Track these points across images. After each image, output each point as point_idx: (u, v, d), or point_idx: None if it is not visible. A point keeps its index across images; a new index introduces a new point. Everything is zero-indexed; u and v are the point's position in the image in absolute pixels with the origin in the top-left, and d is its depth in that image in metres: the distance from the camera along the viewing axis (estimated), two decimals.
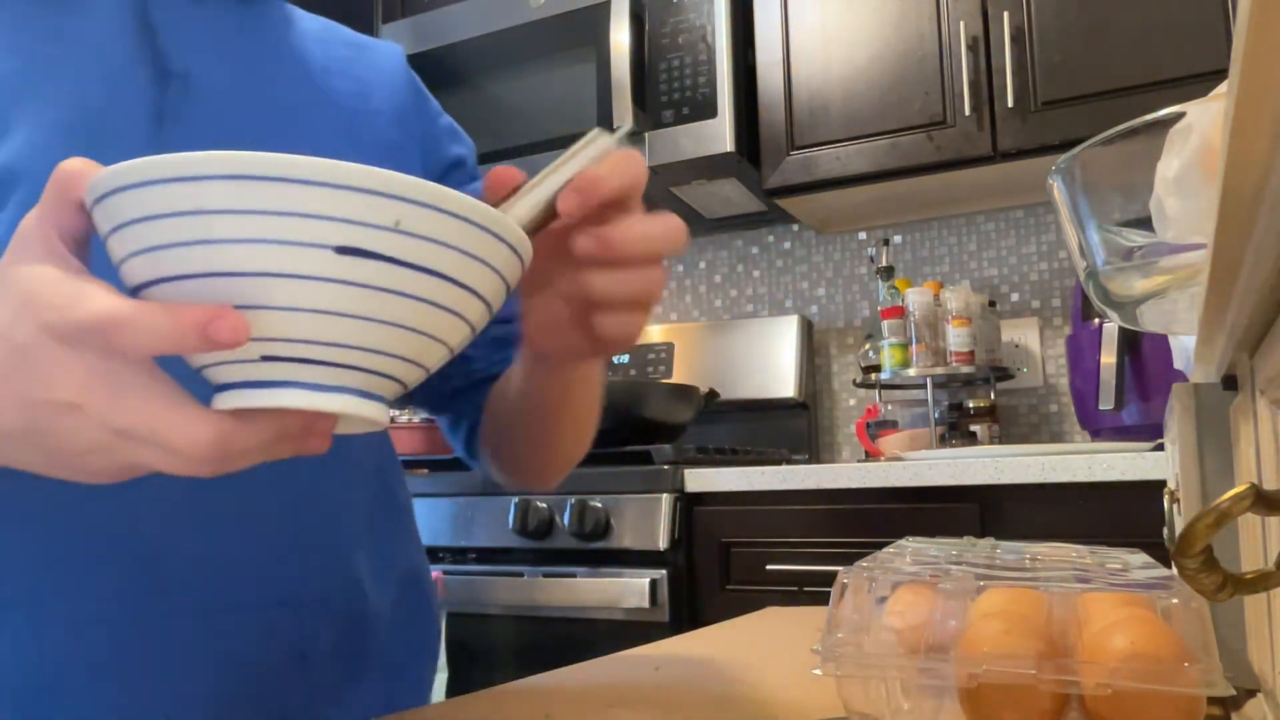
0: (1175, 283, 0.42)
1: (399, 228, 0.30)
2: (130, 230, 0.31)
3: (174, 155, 0.30)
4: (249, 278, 0.30)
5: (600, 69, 1.94)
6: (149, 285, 0.32)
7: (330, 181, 0.29)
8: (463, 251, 0.32)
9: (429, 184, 0.31)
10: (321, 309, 0.31)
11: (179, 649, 0.53)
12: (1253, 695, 0.40)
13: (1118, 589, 0.37)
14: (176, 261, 0.31)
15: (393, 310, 0.32)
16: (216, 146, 0.51)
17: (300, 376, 0.32)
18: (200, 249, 0.30)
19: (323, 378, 0.32)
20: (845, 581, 0.41)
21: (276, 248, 0.30)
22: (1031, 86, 1.69)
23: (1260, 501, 0.24)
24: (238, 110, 0.59)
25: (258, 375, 0.32)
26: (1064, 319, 2.00)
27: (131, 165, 0.30)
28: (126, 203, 0.31)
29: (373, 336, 0.32)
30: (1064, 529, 1.36)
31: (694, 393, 1.90)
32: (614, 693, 0.55)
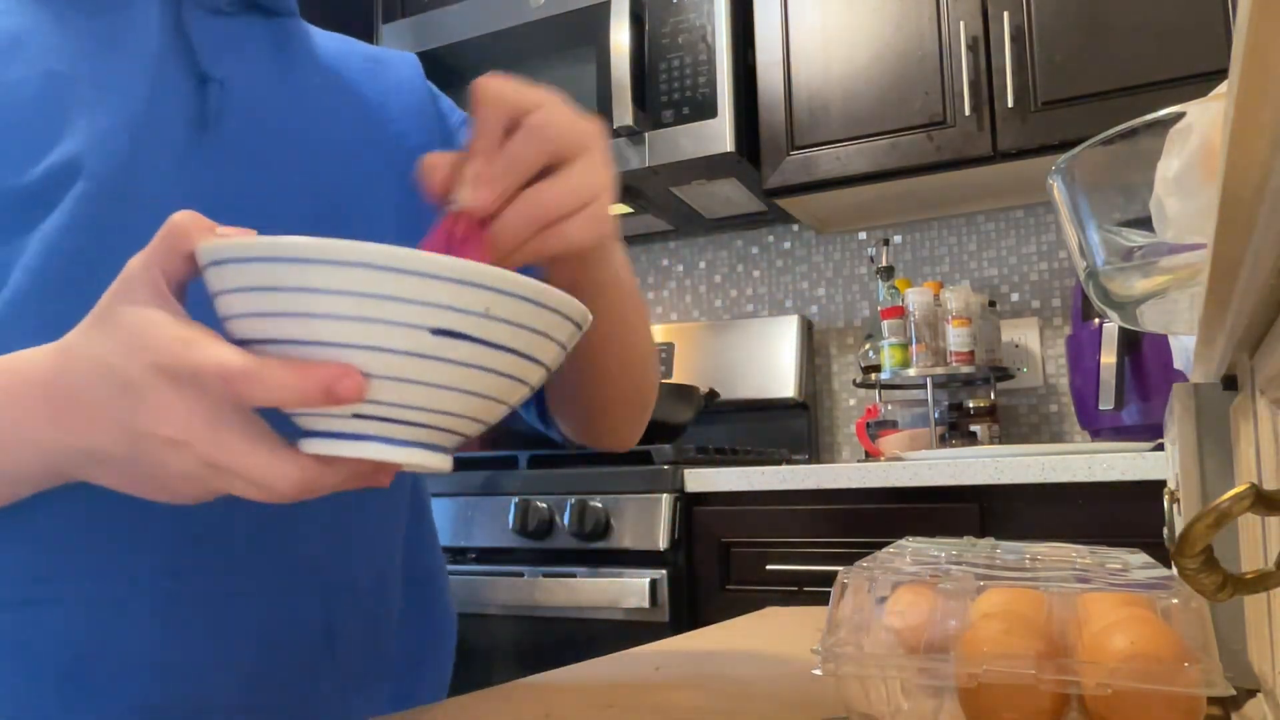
0: (1175, 283, 0.42)
1: (488, 314, 0.35)
2: (246, 295, 0.35)
3: (298, 240, 0.34)
4: (352, 349, 0.34)
5: (600, 69, 1.94)
6: (260, 342, 0.36)
7: (432, 272, 0.34)
8: (535, 330, 0.37)
9: (513, 275, 0.35)
10: (410, 379, 0.35)
11: (214, 630, 0.54)
12: (1253, 695, 0.40)
13: (1118, 589, 0.37)
14: (287, 328, 0.35)
15: (470, 381, 0.36)
16: (255, 150, 0.53)
17: (382, 432, 0.36)
18: (311, 321, 0.34)
19: (400, 434, 0.36)
20: (845, 581, 0.41)
21: (381, 326, 0.34)
22: (1031, 86, 1.69)
23: (1260, 501, 0.24)
24: (272, 115, 0.61)
25: (344, 428, 0.36)
26: (1064, 319, 2.00)
27: (255, 243, 0.35)
28: (247, 272, 0.35)
29: (450, 402, 0.36)
30: (1064, 529, 1.36)
31: (694, 393, 1.90)
32: (614, 693, 0.55)
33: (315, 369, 0.34)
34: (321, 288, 0.34)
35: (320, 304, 0.34)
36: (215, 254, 0.36)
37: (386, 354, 0.34)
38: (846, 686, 0.39)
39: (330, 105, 0.66)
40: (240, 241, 0.35)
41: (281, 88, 0.63)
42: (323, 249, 0.33)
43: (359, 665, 0.62)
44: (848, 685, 0.39)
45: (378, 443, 0.36)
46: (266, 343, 0.36)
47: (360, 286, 0.33)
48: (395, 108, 0.70)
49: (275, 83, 0.62)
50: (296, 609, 0.58)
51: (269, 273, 0.34)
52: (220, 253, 0.36)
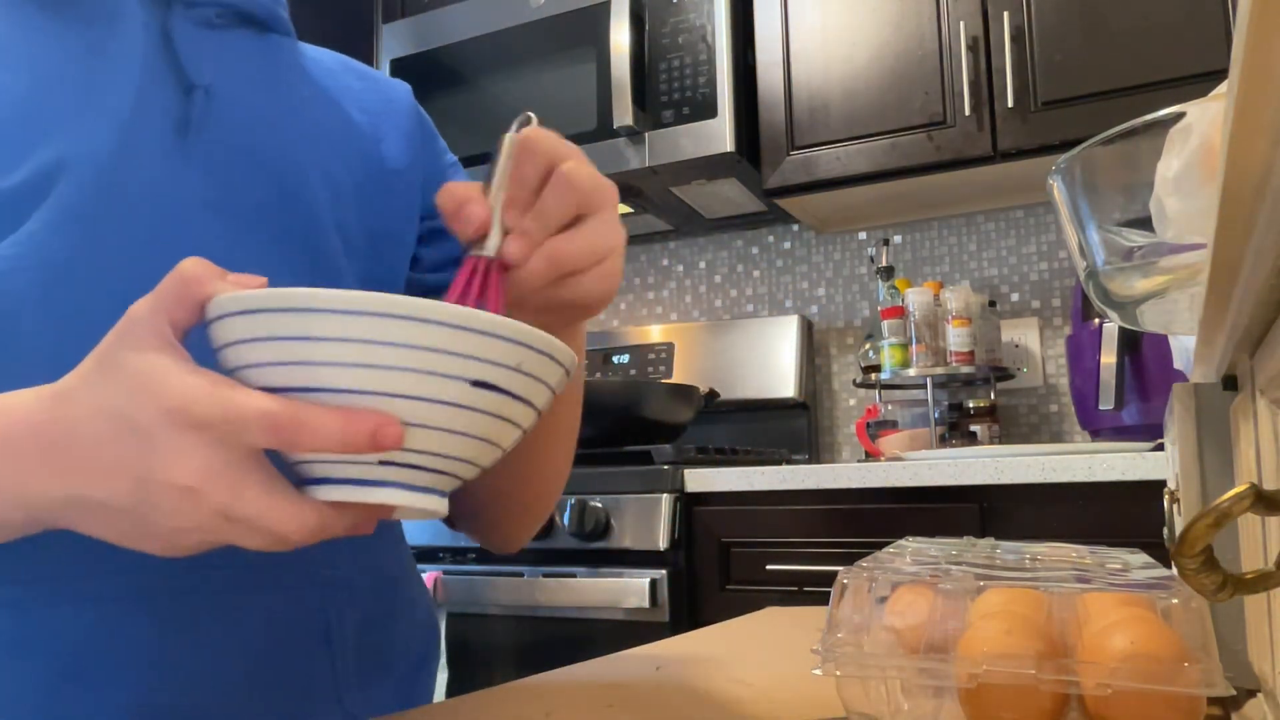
0: (1175, 283, 0.42)
1: (519, 368, 0.37)
2: (277, 344, 0.35)
3: (343, 293, 0.34)
4: (392, 398, 0.35)
5: (600, 69, 1.94)
6: (288, 390, 0.36)
7: (479, 328, 0.35)
8: (545, 383, 0.39)
9: (541, 333, 0.37)
10: (443, 427, 0.36)
11: (214, 630, 0.54)
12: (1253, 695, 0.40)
13: (1118, 589, 0.37)
14: (324, 376, 0.35)
15: (490, 430, 0.38)
16: (239, 156, 0.54)
17: (402, 479, 0.37)
18: (352, 370, 0.35)
19: (418, 480, 0.37)
20: (845, 581, 0.41)
21: (425, 378, 0.35)
22: (1031, 86, 1.69)
23: (1260, 501, 0.24)
24: (258, 123, 0.61)
25: (366, 475, 0.37)
26: (1064, 319, 2.00)
27: (295, 294, 0.35)
28: (281, 322, 0.35)
29: (468, 449, 0.38)
30: (1064, 529, 1.36)
31: (694, 393, 1.90)
32: (614, 693, 0.55)
33: (361, 416, 0.35)
34: (368, 339, 0.34)
35: (365, 354, 0.35)
36: (245, 303, 0.36)
37: (426, 404, 0.35)
38: (846, 686, 0.39)
39: (315, 118, 0.66)
40: (278, 292, 0.35)
41: (267, 98, 0.63)
42: (373, 302, 0.34)
43: (356, 664, 0.62)
44: (847, 685, 0.39)
45: (397, 489, 0.37)
46: (295, 390, 0.36)
47: (408, 339, 0.34)
48: (384, 129, 0.71)
49: (260, 93, 0.63)
50: (295, 608, 0.58)
51: (306, 323, 0.35)
52: (252, 302, 0.35)
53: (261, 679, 0.56)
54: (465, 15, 2.10)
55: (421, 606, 0.71)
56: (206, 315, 0.37)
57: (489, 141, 1.52)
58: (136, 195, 0.54)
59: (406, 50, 2.16)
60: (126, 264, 0.53)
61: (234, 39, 0.63)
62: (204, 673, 0.54)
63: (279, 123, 0.63)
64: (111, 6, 0.58)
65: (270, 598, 0.57)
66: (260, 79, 0.64)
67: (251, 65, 0.63)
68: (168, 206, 0.56)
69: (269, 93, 0.64)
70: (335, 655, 0.60)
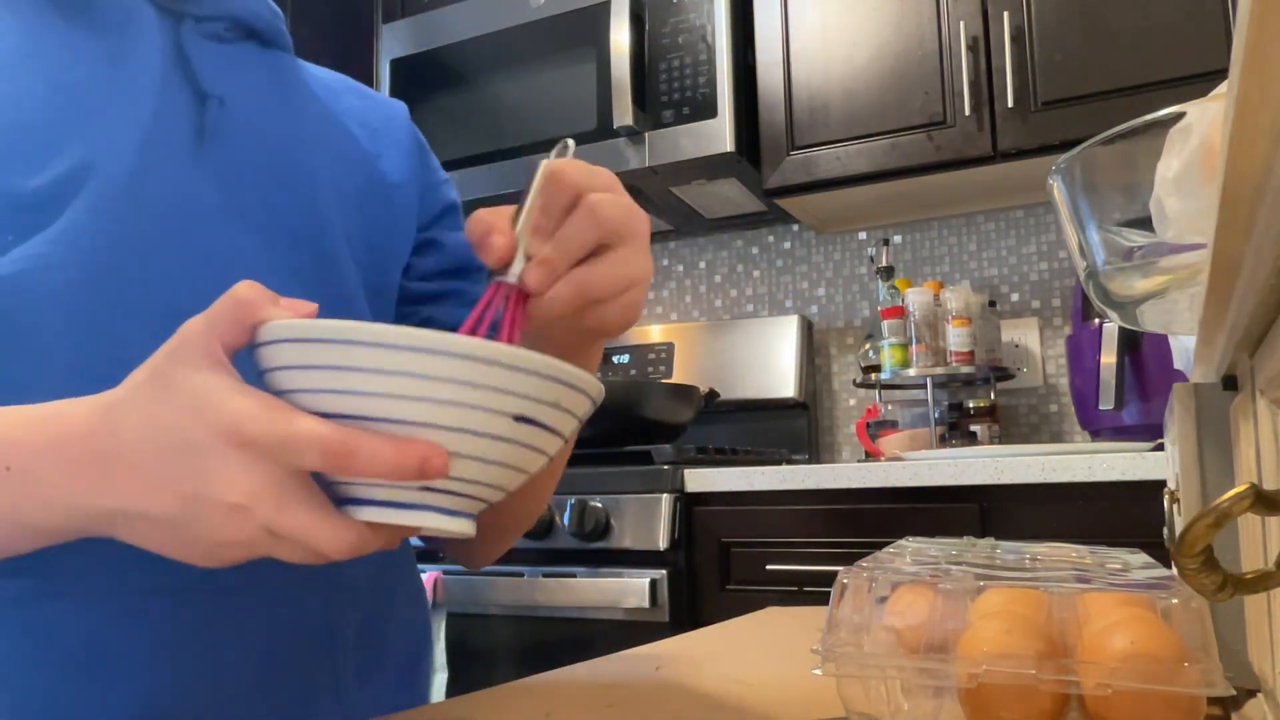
0: (1175, 283, 0.42)
1: (558, 405, 0.39)
2: (330, 373, 0.37)
3: (399, 330, 0.36)
4: (439, 430, 0.37)
5: (600, 69, 1.94)
6: (339, 417, 0.37)
7: (525, 367, 0.37)
8: (576, 416, 0.41)
9: (577, 370, 0.39)
10: (483, 458, 0.38)
11: (224, 628, 0.55)
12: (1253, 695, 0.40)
13: (1118, 589, 0.37)
14: (375, 406, 0.37)
15: (524, 460, 0.40)
16: (253, 165, 0.57)
17: (439, 503, 0.39)
18: (403, 402, 0.36)
19: (453, 504, 0.39)
20: (845, 581, 0.41)
21: (472, 411, 0.37)
22: (1031, 86, 1.69)
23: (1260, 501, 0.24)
24: (270, 133, 0.63)
25: (403, 499, 0.38)
26: (1064, 319, 2.00)
27: (356, 327, 0.36)
28: (337, 352, 0.37)
29: (503, 478, 0.40)
30: (1064, 529, 1.36)
31: (694, 393, 1.90)
32: (614, 693, 0.55)
33: (411, 445, 0.36)
34: (419, 373, 0.36)
35: (415, 388, 0.36)
36: (300, 332, 0.37)
37: (469, 436, 0.37)
38: (846, 686, 0.39)
39: (321, 132, 0.68)
40: (335, 325, 0.36)
41: (276, 110, 0.65)
42: (426, 339, 0.36)
43: (356, 662, 0.63)
44: (847, 685, 0.39)
45: (432, 512, 0.39)
46: (344, 417, 0.37)
47: (457, 375, 0.36)
48: (383, 145, 0.73)
49: (269, 105, 0.64)
50: (300, 607, 0.59)
51: (364, 355, 0.36)
52: (308, 332, 0.37)
53: (266, 677, 0.57)
54: (465, 15, 2.10)
55: (419, 605, 0.72)
56: (258, 338, 0.38)
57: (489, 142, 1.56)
58: (159, 200, 0.55)
59: (406, 50, 2.16)
60: (150, 267, 0.54)
61: (241, 53, 0.65)
62: (211, 671, 0.54)
63: (289, 135, 0.65)
64: (127, 18, 0.59)
65: (277, 596, 0.57)
66: (268, 91, 0.65)
67: (259, 78, 0.65)
68: (189, 212, 0.57)
69: (277, 105, 0.65)
70: (337, 654, 0.61)
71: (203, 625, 0.54)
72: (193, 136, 0.59)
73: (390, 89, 2.17)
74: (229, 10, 0.64)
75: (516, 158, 2.01)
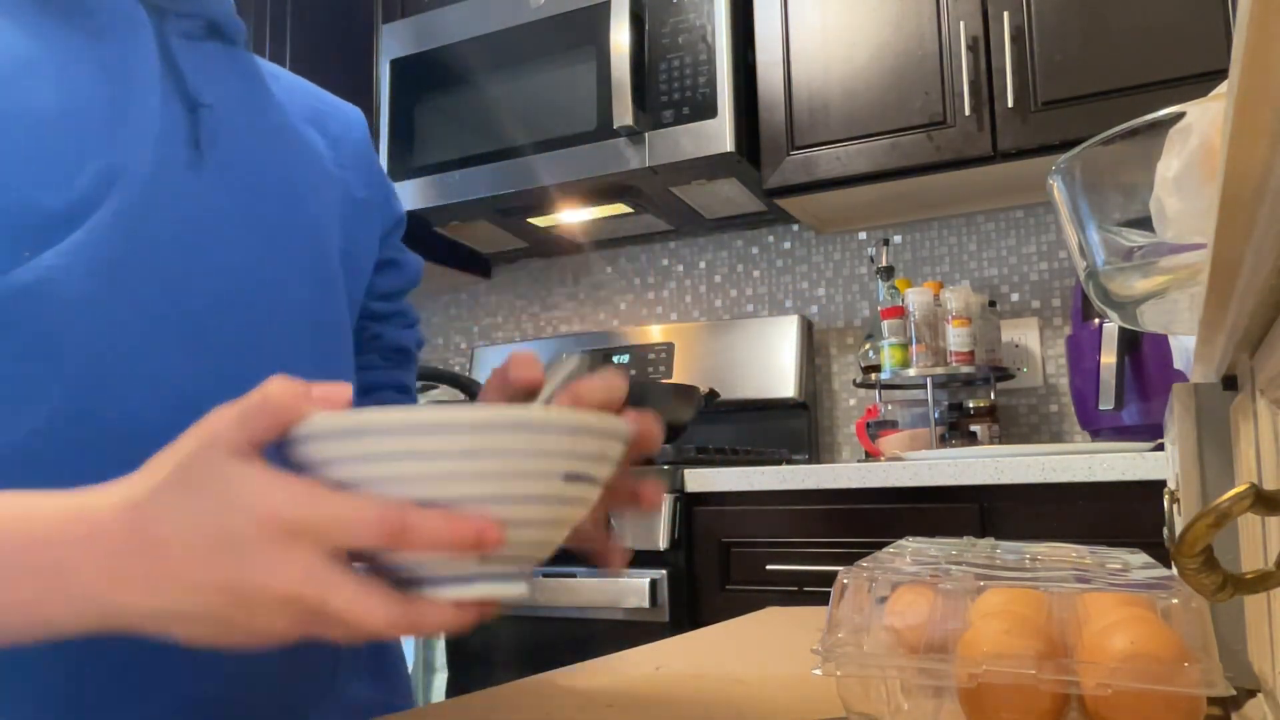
0: (1175, 283, 0.42)
1: (604, 456, 0.40)
2: (377, 463, 0.37)
3: (442, 411, 0.36)
4: (490, 503, 0.37)
5: (600, 69, 1.94)
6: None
7: (575, 426, 0.38)
8: (612, 461, 0.41)
9: (613, 417, 0.40)
10: (535, 520, 0.38)
11: None
12: (1253, 695, 0.40)
13: (1118, 589, 0.37)
14: (425, 489, 0.37)
15: (573, 514, 0.40)
16: (247, 174, 0.59)
17: (495, 570, 0.39)
18: (454, 482, 0.37)
19: (508, 570, 0.39)
20: (845, 581, 0.41)
21: (521, 479, 0.37)
22: (1031, 86, 1.69)
23: (1260, 501, 0.24)
24: (255, 143, 0.64)
25: (460, 572, 0.38)
26: (1064, 319, 2.00)
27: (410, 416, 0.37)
28: (385, 442, 0.37)
29: (553, 535, 0.40)
30: (1064, 529, 1.36)
31: (694, 393, 1.90)
32: (614, 693, 0.55)
33: (466, 521, 0.36)
34: (475, 449, 0.36)
35: (465, 466, 0.36)
36: (344, 428, 0.37)
37: (522, 503, 0.38)
38: (846, 686, 0.39)
39: (289, 140, 0.68)
40: (387, 417, 0.36)
41: (255, 117, 0.65)
42: (470, 418, 0.36)
43: (353, 659, 0.64)
44: (847, 685, 0.39)
45: (491, 582, 0.39)
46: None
47: (506, 446, 0.37)
48: (346, 157, 0.73)
49: (249, 112, 0.65)
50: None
51: (419, 443, 0.36)
52: (352, 427, 0.37)
53: (277, 674, 0.58)
54: (465, 15, 2.10)
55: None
56: (298, 434, 0.38)
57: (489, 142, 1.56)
58: (169, 209, 0.56)
59: (406, 50, 2.16)
60: (165, 275, 0.55)
61: (214, 53, 0.64)
62: (239, 672, 0.55)
63: (272, 142, 0.65)
64: (124, 20, 0.59)
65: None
66: (245, 97, 0.65)
67: (233, 82, 0.65)
68: (198, 220, 0.57)
69: (255, 112, 0.65)
70: (340, 650, 0.62)
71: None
72: (190, 145, 0.59)
73: (390, 89, 2.17)
74: (204, 10, 0.63)
75: (516, 158, 2.01)
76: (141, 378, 0.51)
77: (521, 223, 2.20)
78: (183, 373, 0.54)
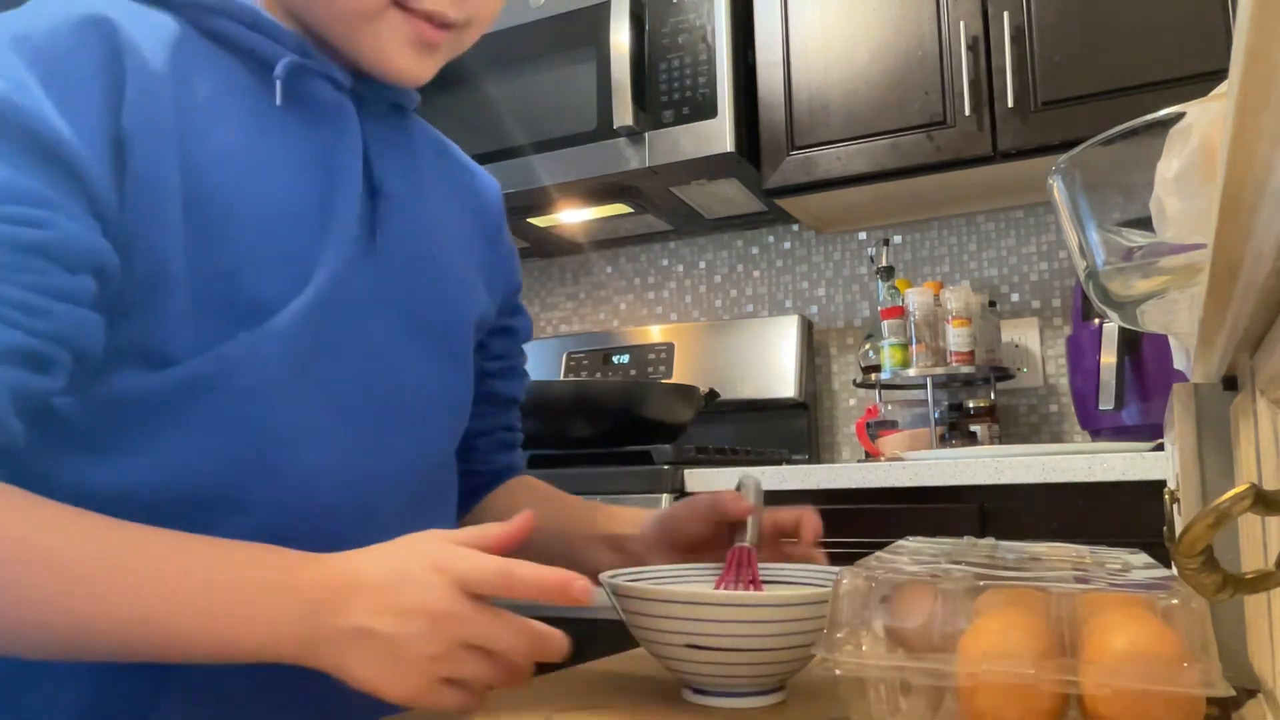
0: (1175, 283, 0.42)
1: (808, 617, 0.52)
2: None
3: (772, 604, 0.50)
4: (766, 652, 0.51)
5: (600, 69, 1.94)
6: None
7: (800, 602, 0.50)
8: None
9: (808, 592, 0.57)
10: (782, 659, 0.51)
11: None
12: (1253, 695, 0.40)
13: (1118, 589, 0.37)
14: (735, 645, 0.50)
15: (806, 652, 0.52)
16: (409, 259, 0.68)
17: (756, 687, 0.53)
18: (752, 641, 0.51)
19: (766, 686, 0.53)
20: (845, 581, 0.41)
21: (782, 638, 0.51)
22: (1031, 86, 1.69)
23: (1260, 501, 0.24)
24: (420, 227, 0.69)
25: (723, 688, 0.53)
26: (1064, 319, 2.00)
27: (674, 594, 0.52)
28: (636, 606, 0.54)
29: (795, 663, 0.54)
30: (1064, 529, 1.36)
31: (694, 393, 1.90)
32: (614, 693, 0.55)
33: (554, 573, 0.50)
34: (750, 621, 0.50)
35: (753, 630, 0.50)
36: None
37: (779, 651, 0.51)
38: (846, 686, 0.39)
39: (450, 217, 0.74)
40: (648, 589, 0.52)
41: (422, 197, 0.71)
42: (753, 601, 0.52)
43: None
44: (848, 685, 0.39)
45: (757, 696, 0.52)
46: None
47: (769, 617, 0.50)
48: (486, 222, 0.80)
49: (417, 191, 0.71)
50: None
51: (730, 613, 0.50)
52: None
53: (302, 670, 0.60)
54: None
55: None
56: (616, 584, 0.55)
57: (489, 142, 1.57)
58: (347, 294, 0.62)
59: None
60: (337, 353, 0.62)
61: (393, 131, 0.70)
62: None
63: (432, 224, 0.71)
64: (334, 109, 0.64)
65: None
66: (416, 177, 0.71)
67: (407, 160, 0.71)
68: (364, 304, 0.64)
69: (419, 196, 0.71)
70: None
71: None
72: (367, 231, 0.65)
73: None
74: (394, 94, 0.69)
75: (516, 157, 2.00)
76: (313, 439, 0.60)
77: (521, 222, 2.20)
78: (342, 435, 0.62)
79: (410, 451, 0.67)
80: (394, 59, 0.63)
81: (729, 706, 0.51)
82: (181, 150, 0.55)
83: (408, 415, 0.66)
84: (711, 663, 0.50)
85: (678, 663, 0.51)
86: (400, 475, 0.66)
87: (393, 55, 0.63)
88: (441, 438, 0.72)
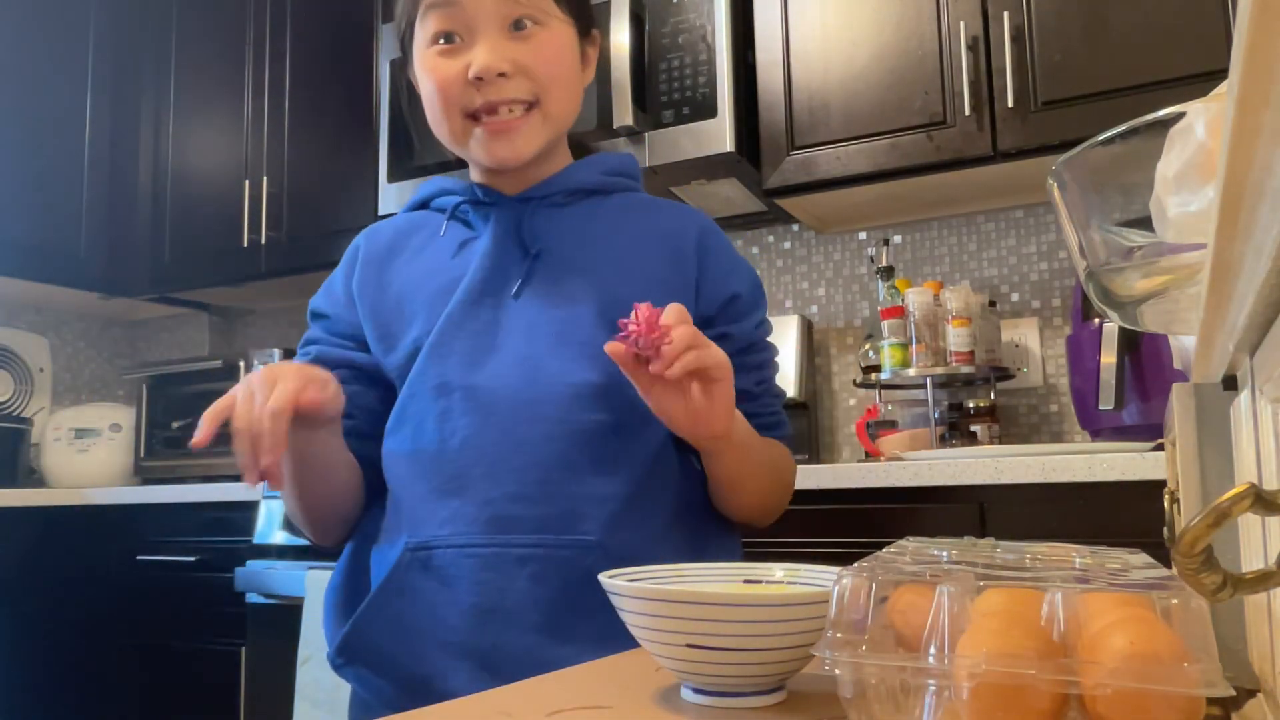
0: (1175, 283, 0.42)
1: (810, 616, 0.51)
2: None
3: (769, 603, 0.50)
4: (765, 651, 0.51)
5: (600, 69, 1.94)
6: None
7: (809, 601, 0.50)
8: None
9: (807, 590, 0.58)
10: (784, 659, 0.51)
11: (516, 573, 0.81)
12: (1253, 695, 0.40)
13: (1118, 589, 0.37)
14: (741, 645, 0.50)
15: (806, 653, 0.52)
16: (557, 299, 0.87)
17: (758, 688, 0.53)
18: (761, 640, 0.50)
19: (767, 685, 0.53)
20: (845, 581, 0.41)
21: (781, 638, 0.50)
22: (1031, 86, 1.69)
23: (1260, 501, 0.24)
24: (570, 276, 0.87)
25: (723, 689, 0.53)
26: (1064, 319, 2.00)
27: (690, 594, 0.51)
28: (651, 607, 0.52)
29: (794, 663, 0.53)
30: (1064, 529, 1.36)
31: None
32: (614, 693, 0.55)
33: (258, 449, 0.72)
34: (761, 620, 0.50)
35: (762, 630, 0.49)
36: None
37: (780, 650, 0.50)
38: (846, 686, 0.39)
39: (622, 255, 0.89)
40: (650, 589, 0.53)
41: (579, 256, 0.88)
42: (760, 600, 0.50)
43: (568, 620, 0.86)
44: (847, 685, 0.39)
45: (759, 696, 0.52)
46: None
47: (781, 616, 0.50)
48: (671, 250, 0.91)
49: (584, 247, 0.88)
50: (563, 562, 0.84)
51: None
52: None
53: (545, 621, 0.80)
54: None
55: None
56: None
57: None
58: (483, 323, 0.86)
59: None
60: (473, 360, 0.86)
61: (555, 208, 0.90)
62: (507, 610, 0.80)
63: (589, 273, 0.87)
64: (477, 217, 0.91)
65: (564, 553, 0.80)
66: (577, 235, 0.89)
67: (573, 226, 0.89)
68: (509, 329, 0.85)
69: (588, 246, 0.89)
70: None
71: (506, 575, 0.81)
72: (521, 280, 0.86)
73: (390, 89, 2.17)
74: (566, 185, 0.90)
75: None
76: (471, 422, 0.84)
77: None
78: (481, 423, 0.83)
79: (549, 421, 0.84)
80: (488, 158, 0.86)
81: (729, 706, 0.51)
82: (379, 286, 0.92)
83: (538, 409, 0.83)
84: (711, 663, 0.50)
85: (678, 663, 0.52)
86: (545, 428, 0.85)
87: (486, 156, 0.86)
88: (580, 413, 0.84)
